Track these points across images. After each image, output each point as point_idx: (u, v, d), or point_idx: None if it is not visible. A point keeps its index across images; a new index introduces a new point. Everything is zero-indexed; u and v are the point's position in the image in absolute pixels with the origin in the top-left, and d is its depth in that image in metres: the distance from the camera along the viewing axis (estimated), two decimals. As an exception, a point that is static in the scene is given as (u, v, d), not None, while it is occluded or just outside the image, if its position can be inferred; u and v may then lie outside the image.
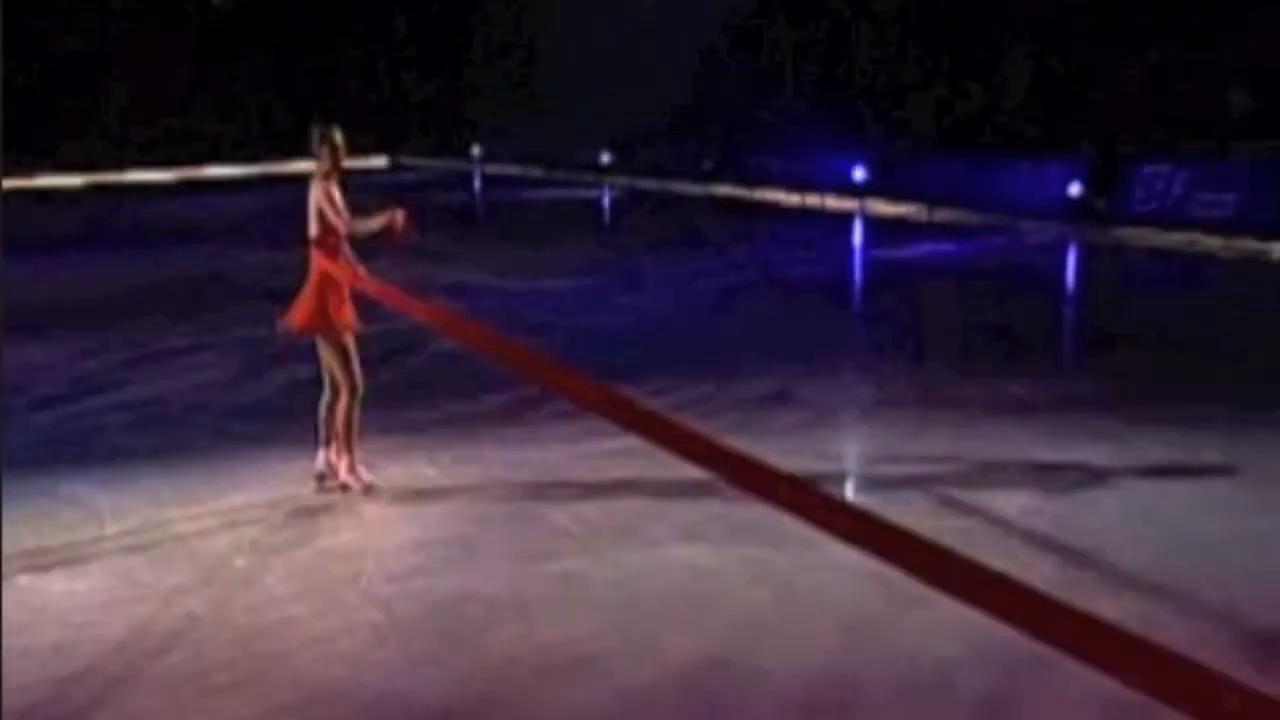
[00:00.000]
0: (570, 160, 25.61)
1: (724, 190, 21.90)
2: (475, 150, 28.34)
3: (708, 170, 22.47)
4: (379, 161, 30.47)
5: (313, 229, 5.90)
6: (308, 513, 5.86)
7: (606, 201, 22.90)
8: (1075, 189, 16.15)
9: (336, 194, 5.89)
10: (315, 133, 5.98)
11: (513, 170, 26.92)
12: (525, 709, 4.10)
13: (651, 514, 5.78)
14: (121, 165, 27.25)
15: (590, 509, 5.91)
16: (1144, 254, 14.33)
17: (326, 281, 5.82)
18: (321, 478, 5.98)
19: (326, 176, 5.90)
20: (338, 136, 5.93)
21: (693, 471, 6.06)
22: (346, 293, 5.84)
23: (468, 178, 27.50)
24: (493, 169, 27.44)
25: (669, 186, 22.75)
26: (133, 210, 22.93)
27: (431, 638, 4.64)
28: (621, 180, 23.99)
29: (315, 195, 5.87)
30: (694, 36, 23.27)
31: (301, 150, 6.09)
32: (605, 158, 24.79)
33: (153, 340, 10.15)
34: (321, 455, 6.00)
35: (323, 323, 5.82)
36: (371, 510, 5.92)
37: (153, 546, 5.45)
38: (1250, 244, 13.77)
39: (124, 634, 4.56)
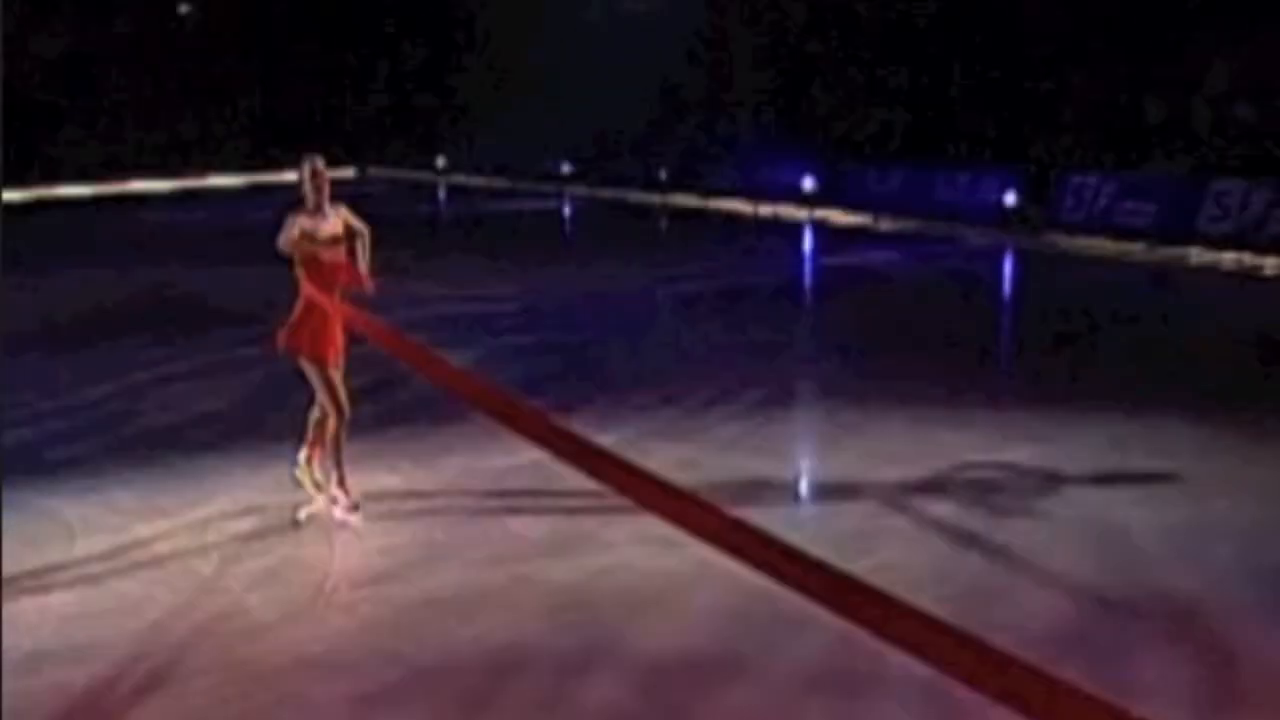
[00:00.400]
0: (533, 171, 25.58)
1: (680, 200, 21.96)
2: (439, 161, 28.23)
3: (664, 181, 22.51)
4: (348, 172, 30.26)
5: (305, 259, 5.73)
6: (275, 522, 5.83)
7: (567, 211, 22.90)
8: (1010, 198, 16.39)
9: (306, 224, 5.67)
10: (304, 165, 5.80)
11: (477, 181, 26.83)
12: (487, 707, 4.12)
13: (609, 519, 5.80)
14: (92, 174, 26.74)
15: (548, 514, 5.94)
16: (1073, 260, 14.57)
17: (311, 308, 5.69)
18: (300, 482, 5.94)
19: (306, 206, 5.74)
20: (321, 168, 5.77)
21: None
22: (334, 324, 5.68)
23: (433, 189, 27.39)
24: (457, 179, 27.34)
25: (627, 196, 22.79)
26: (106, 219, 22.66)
27: (397, 640, 4.66)
28: (581, 190, 24.00)
29: (287, 223, 5.68)
30: (657, 53, 23.27)
31: (272, 163, 6.01)
32: (566, 168, 24.80)
33: (120, 355, 9.96)
34: (303, 453, 5.91)
35: (306, 349, 5.70)
36: (335, 518, 5.88)
37: (120, 557, 5.42)
38: (1170, 251, 14.09)
39: (94, 644, 4.54)
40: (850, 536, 5.45)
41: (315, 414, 5.86)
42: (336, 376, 5.73)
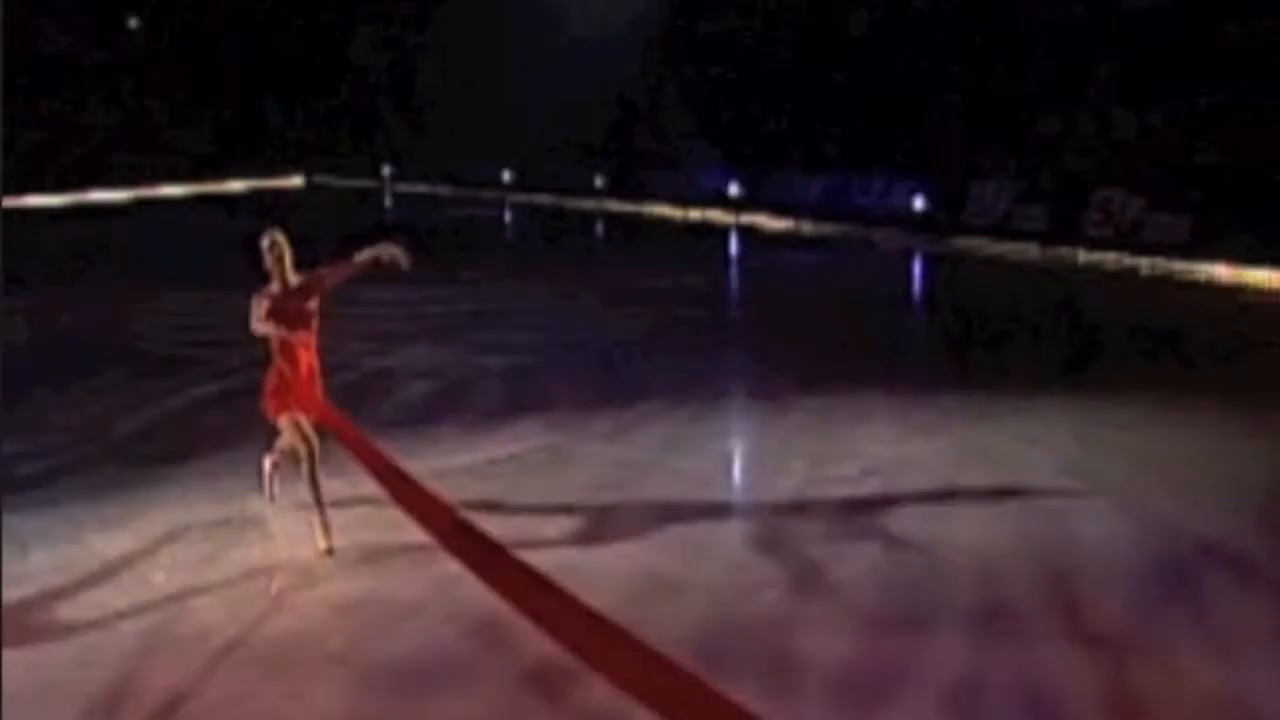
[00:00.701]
0: (475, 178, 25.76)
1: (615, 206, 22.33)
2: (385, 170, 28.27)
3: (600, 188, 22.87)
4: (296, 181, 30.15)
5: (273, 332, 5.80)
6: (222, 530, 6.09)
7: (507, 217, 23.15)
8: (919, 203, 17.01)
9: (276, 301, 5.76)
10: (264, 241, 5.85)
11: (421, 189, 26.94)
12: (424, 700, 4.42)
13: (540, 520, 6.17)
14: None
15: (482, 516, 6.20)
16: (976, 262, 15.24)
17: (281, 375, 5.84)
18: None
19: (271, 281, 5.82)
20: (281, 240, 5.81)
21: (576, 483, 6.53)
22: (301, 384, 5.83)
23: (379, 196, 27.43)
24: (403, 188, 27.41)
25: (564, 203, 23.11)
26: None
27: (338, 638, 4.97)
28: (520, 198, 24.25)
29: (253, 303, 5.77)
30: (601, 66, 23.46)
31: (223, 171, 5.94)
32: (506, 176, 25.05)
33: (64, 374, 9.93)
34: (268, 459, 6.17)
35: (278, 410, 5.88)
36: (279, 523, 6.13)
37: (74, 567, 5.62)
38: (1060, 252, 14.81)
39: (47, 650, 4.77)
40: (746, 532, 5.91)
41: (284, 442, 6.01)
42: (304, 420, 5.87)
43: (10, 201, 22.62)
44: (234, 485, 6.51)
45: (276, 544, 6.00)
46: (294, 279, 5.81)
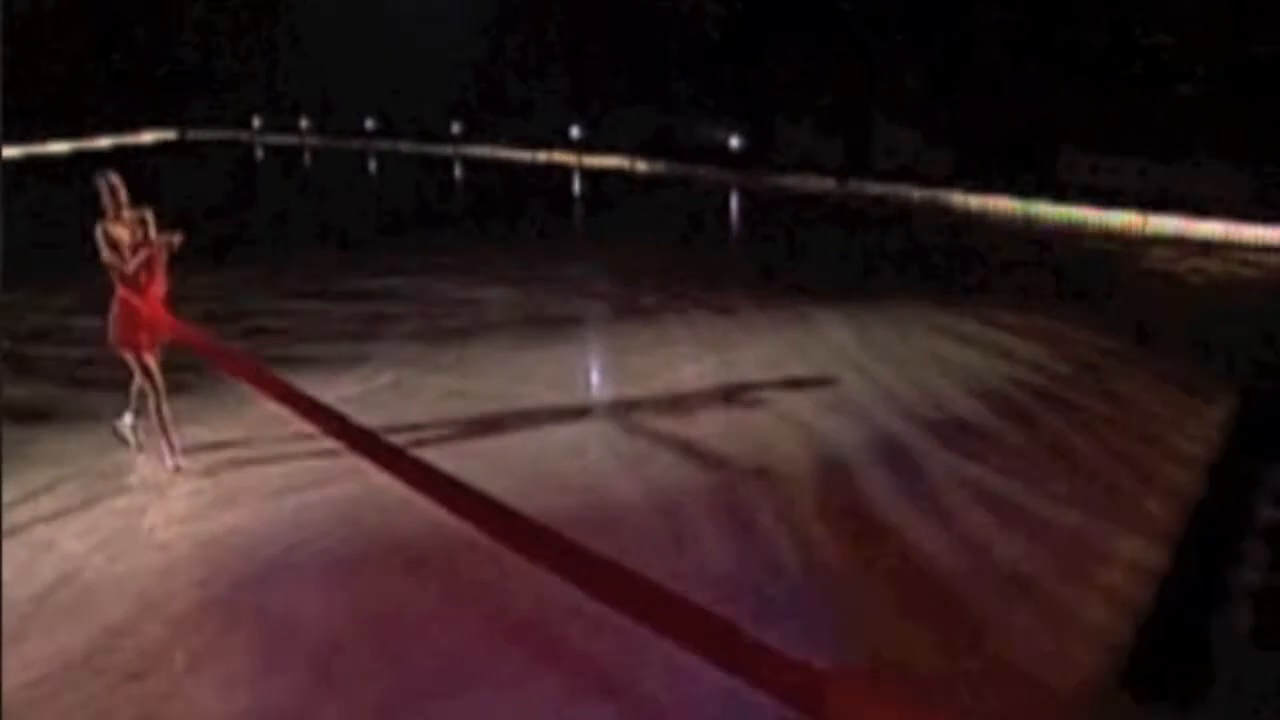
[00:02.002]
0: (343, 127, 24.80)
1: (472, 150, 21.97)
2: (255, 122, 26.86)
3: (458, 134, 22.39)
4: (169, 135, 28.28)
5: (114, 263, 5.82)
6: (98, 481, 6.01)
7: (373, 164, 22.49)
8: (735, 142, 17.36)
9: (117, 234, 5.78)
10: (100, 181, 5.83)
11: (291, 140, 25.78)
12: (278, 623, 4.60)
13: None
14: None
15: (326, 456, 6.22)
16: (781, 195, 15.80)
17: (123, 305, 5.82)
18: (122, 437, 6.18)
19: (109, 219, 5.80)
20: (116, 183, 5.82)
21: (429, 413, 6.66)
22: (144, 316, 5.81)
23: (250, 148, 26.13)
24: (272, 139, 26.15)
25: (426, 149, 22.58)
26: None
27: (204, 567, 5.08)
28: (385, 145, 23.55)
29: (98, 235, 5.78)
30: (458, 22, 22.69)
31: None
32: (370, 124, 24.22)
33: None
34: (127, 415, 6.14)
35: (124, 340, 5.88)
36: (149, 471, 6.09)
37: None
38: (855, 186, 15.49)
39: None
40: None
41: (135, 386, 6.06)
42: (151, 361, 5.93)
43: None
44: (108, 439, 6.37)
45: (148, 491, 5.96)
46: (129, 215, 5.83)
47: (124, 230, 5.84)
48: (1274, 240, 11.80)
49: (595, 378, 8.06)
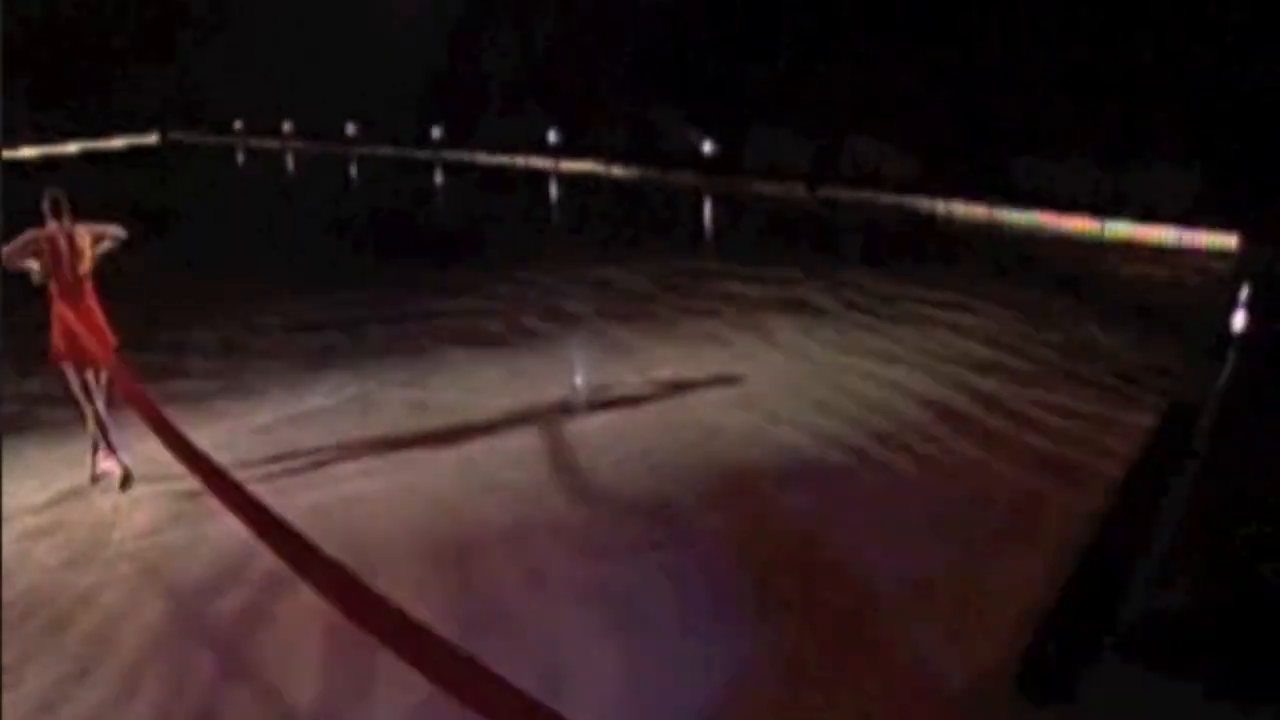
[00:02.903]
0: (325, 133, 25.10)
1: (451, 155, 22.25)
2: (237, 125, 27.11)
3: (437, 139, 22.67)
4: (151, 139, 28.52)
5: (41, 273, 6.15)
6: (67, 496, 6.28)
7: (353, 169, 22.76)
8: (708, 147, 17.70)
9: (45, 243, 6.07)
10: (47, 199, 6.14)
11: (273, 144, 26.06)
12: (246, 633, 4.86)
13: (335, 460, 6.64)
14: None
15: (279, 466, 6.55)
16: (748, 198, 16.21)
17: (65, 323, 6.11)
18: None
19: (51, 235, 6.10)
20: (60, 198, 6.15)
21: (376, 430, 6.92)
22: (80, 334, 6.08)
23: (231, 151, 26.39)
24: (254, 143, 26.40)
25: (405, 153, 22.86)
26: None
27: (171, 575, 5.36)
28: (365, 149, 23.83)
29: (35, 241, 6.08)
30: (428, 28, 22.91)
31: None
32: (351, 129, 24.49)
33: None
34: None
35: (68, 355, 6.18)
36: (115, 486, 6.35)
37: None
38: (824, 191, 15.87)
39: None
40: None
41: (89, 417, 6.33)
42: (90, 375, 6.23)
43: None
44: (78, 452, 6.66)
45: (115, 504, 6.21)
46: (70, 229, 6.10)
47: (60, 243, 6.09)
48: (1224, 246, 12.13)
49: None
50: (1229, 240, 12.05)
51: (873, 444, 6.57)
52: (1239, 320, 6.06)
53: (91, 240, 6.23)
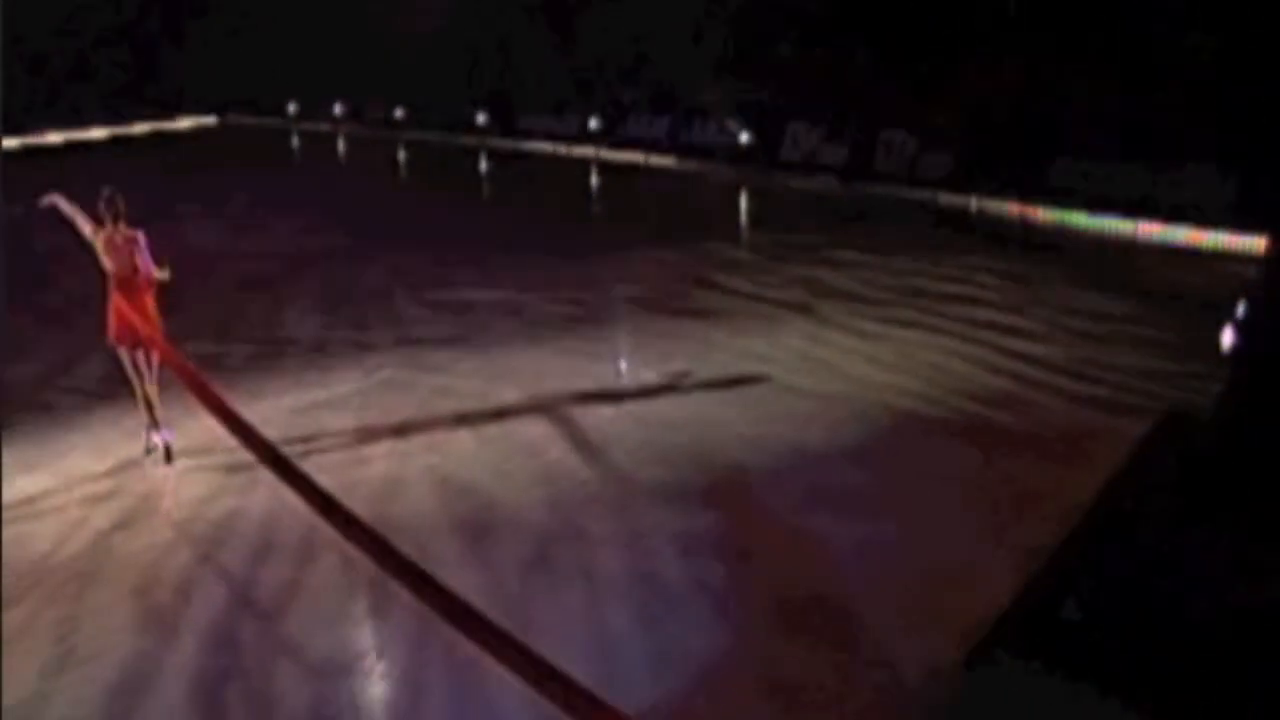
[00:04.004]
0: (372, 118, 25.84)
1: (496, 142, 22.75)
2: (291, 109, 27.95)
3: (483, 125, 23.18)
4: (209, 120, 29.51)
5: (109, 267, 6.80)
6: (125, 466, 6.95)
7: (401, 154, 23.40)
8: (745, 138, 17.96)
9: (100, 238, 6.70)
10: (103, 197, 6.74)
11: (325, 127, 26.86)
12: (292, 594, 5.40)
13: (353, 444, 7.18)
14: None
15: (315, 446, 7.17)
16: (787, 192, 16.44)
17: (114, 308, 6.77)
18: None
19: (108, 232, 6.72)
20: (116, 199, 6.73)
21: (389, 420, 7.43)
22: (130, 317, 6.73)
23: (287, 134, 27.24)
24: (307, 125, 27.25)
25: (452, 139, 23.42)
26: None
27: (215, 546, 5.94)
28: (414, 133, 24.47)
29: (99, 243, 6.75)
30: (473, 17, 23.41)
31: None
32: (399, 113, 25.15)
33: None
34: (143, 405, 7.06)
35: (114, 337, 6.84)
36: (167, 461, 7.00)
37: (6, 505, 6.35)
38: (862, 188, 16.00)
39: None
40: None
41: (139, 394, 6.97)
42: (140, 357, 6.86)
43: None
44: (136, 427, 7.29)
45: (166, 476, 6.86)
46: (126, 231, 6.71)
47: (116, 240, 6.70)
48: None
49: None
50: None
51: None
52: (1227, 338, 6.23)
53: (142, 254, 6.77)
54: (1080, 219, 13.56)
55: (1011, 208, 14.16)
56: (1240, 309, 6.47)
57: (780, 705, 4.33)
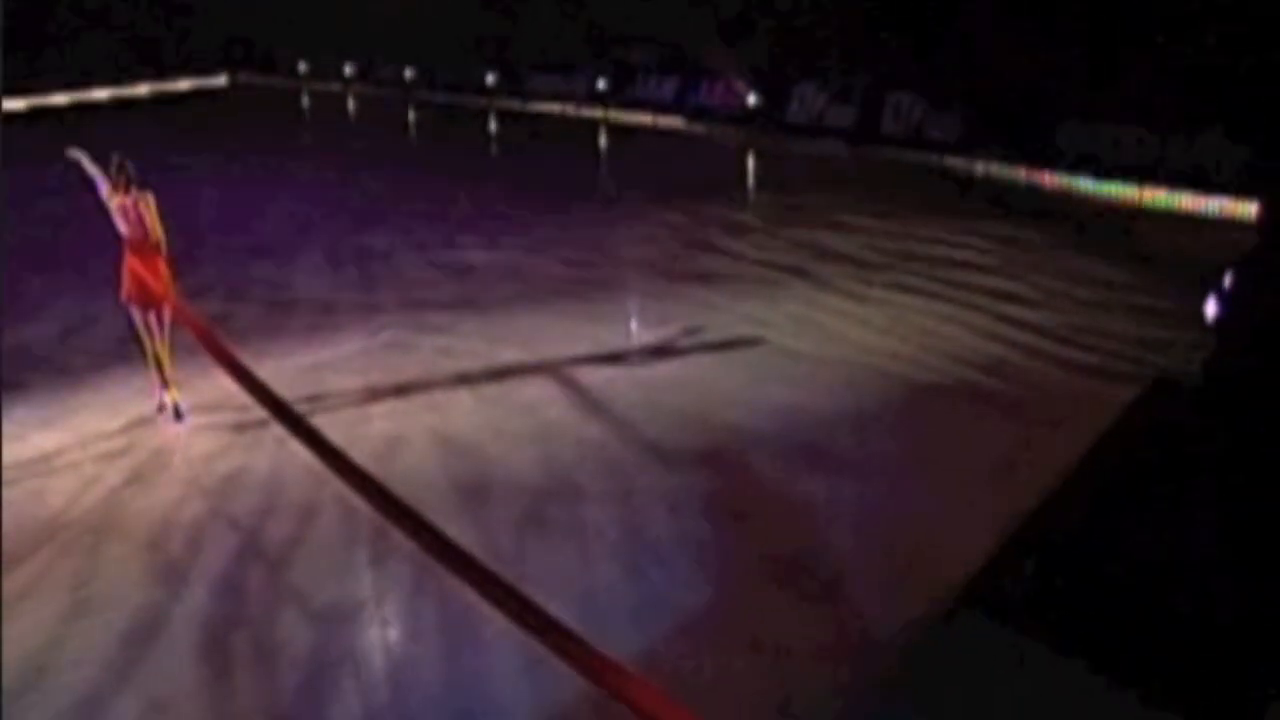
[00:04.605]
0: (382, 78, 25.78)
1: (505, 103, 22.72)
2: (301, 68, 27.94)
3: (491, 87, 23.14)
4: (220, 80, 29.53)
5: (124, 231, 6.99)
6: (138, 424, 7.16)
7: (411, 115, 23.41)
8: (752, 99, 17.89)
9: (129, 206, 6.89)
10: (114, 163, 6.94)
11: (335, 87, 26.84)
12: (296, 545, 5.67)
13: (354, 406, 7.37)
14: None
15: (319, 404, 7.34)
16: (793, 155, 16.41)
17: (134, 272, 6.95)
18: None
19: (121, 193, 6.91)
20: (126, 165, 6.92)
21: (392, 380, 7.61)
22: (142, 280, 6.93)
23: (296, 94, 27.25)
24: (318, 86, 27.24)
25: (461, 100, 23.41)
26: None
27: (223, 500, 6.16)
28: (423, 94, 24.46)
29: (114, 209, 6.94)
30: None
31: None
32: (409, 73, 25.10)
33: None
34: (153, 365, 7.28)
35: (130, 298, 7.04)
36: (177, 419, 7.23)
37: (20, 460, 6.61)
38: (873, 150, 15.91)
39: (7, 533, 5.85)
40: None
41: (149, 353, 7.17)
42: (151, 317, 7.06)
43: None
44: (147, 386, 7.50)
45: (177, 433, 7.08)
46: (136, 195, 6.90)
47: (127, 204, 6.89)
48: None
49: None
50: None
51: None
52: (1211, 308, 6.28)
53: (152, 217, 6.96)
54: (1087, 184, 13.53)
55: (1017, 172, 14.14)
56: (1227, 278, 6.52)
57: (763, 657, 4.52)
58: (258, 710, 4.37)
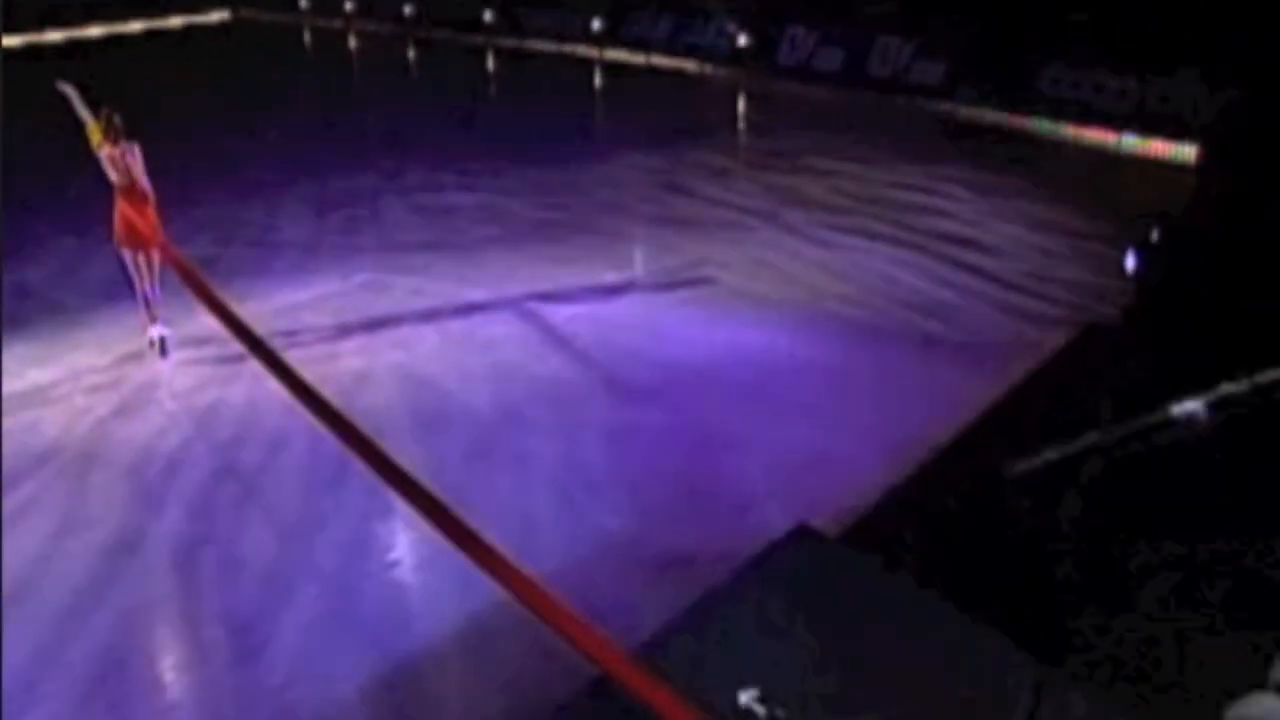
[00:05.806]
0: (382, 14, 25.79)
1: (501, 41, 22.76)
2: (302, 3, 27.84)
3: (490, 23, 23.12)
4: (222, 15, 29.45)
5: (114, 179, 7.35)
6: (126, 359, 7.65)
7: (411, 53, 23.45)
8: (743, 40, 17.88)
9: (117, 157, 7.24)
10: (103, 115, 7.29)
11: (336, 23, 26.78)
12: (265, 471, 6.21)
13: (327, 343, 7.81)
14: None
15: (294, 341, 7.83)
16: (780, 97, 16.47)
17: (124, 217, 7.34)
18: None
19: (110, 144, 7.26)
20: (117, 120, 7.28)
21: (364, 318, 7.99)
22: (136, 225, 7.32)
23: (298, 32, 27.20)
24: (321, 23, 27.19)
25: (459, 38, 23.42)
26: None
27: (201, 429, 6.68)
28: (422, 31, 24.45)
29: (103, 159, 7.30)
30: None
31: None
32: (408, 10, 25.09)
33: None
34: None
35: (121, 241, 7.45)
36: (163, 355, 7.70)
37: (14, 394, 7.12)
38: (860, 94, 15.93)
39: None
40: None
41: (139, 292, 7.63)
42: (140, 258, 7.49)
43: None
44: (137, 326, 7.95)
45: (162, 368, 7.57)
46: (124, 145, 7.24)
47: (116, 155, 7.21)
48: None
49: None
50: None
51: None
52: (1130, 261, 6.58)
53: (139, 167, 7.32)
54: (1065, 130, 13.63)
55: (996, 116, 14.21)
56: (1154, 232, 6.79)
57: (669, 572, 5.00)
58: (219, 615, 4.91)
